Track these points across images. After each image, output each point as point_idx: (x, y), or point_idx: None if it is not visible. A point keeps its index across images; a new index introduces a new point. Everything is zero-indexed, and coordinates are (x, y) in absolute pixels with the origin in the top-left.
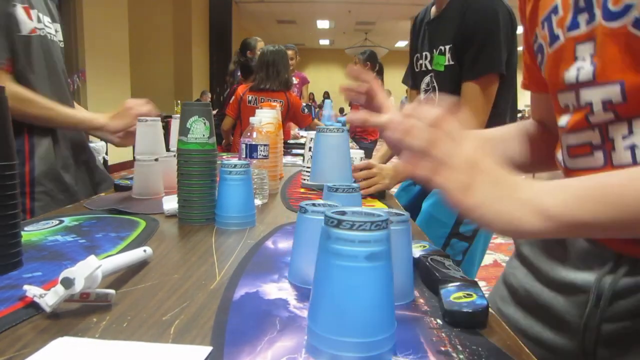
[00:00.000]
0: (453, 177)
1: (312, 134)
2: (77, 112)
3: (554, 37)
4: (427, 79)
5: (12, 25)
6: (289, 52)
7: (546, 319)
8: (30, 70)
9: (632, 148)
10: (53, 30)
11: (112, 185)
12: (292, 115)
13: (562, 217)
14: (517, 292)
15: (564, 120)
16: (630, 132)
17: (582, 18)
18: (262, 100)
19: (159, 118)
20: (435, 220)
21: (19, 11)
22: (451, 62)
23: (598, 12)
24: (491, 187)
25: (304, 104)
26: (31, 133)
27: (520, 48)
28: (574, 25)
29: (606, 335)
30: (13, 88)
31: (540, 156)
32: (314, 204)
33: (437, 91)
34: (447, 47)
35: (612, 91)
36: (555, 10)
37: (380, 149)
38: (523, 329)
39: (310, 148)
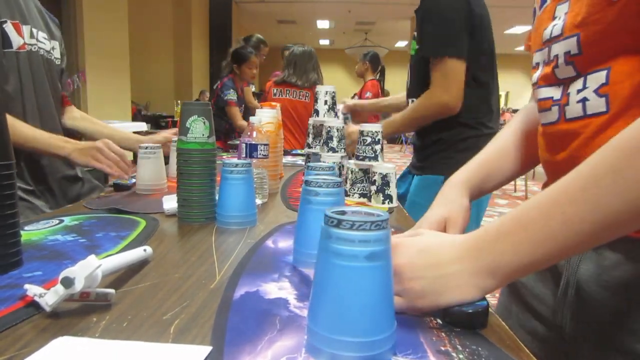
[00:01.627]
0: (402, 299)
1: (335, 121)
2: (44, 136)
3: (543, 1)
4: (409, 63)
5: None
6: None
7: (537, 313)
8: (15, 84)
9: (583, 101)
10: (49, 47)
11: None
12: None
13: (504, 268)
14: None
15: (535, 76)
16: (585, 87)
17: None
18: (288, 92)
19: (160, 146)
20: (417, 205)
21: (9, 28)
22: (417, 46)
23: None
24: (429, 280)
25: None
26: None
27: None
28: None
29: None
30: None
31: (530, 159)
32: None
33: (410, 75)
34: (416, 32)
35: (571, 43)
36: None
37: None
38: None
39: (333, 137)
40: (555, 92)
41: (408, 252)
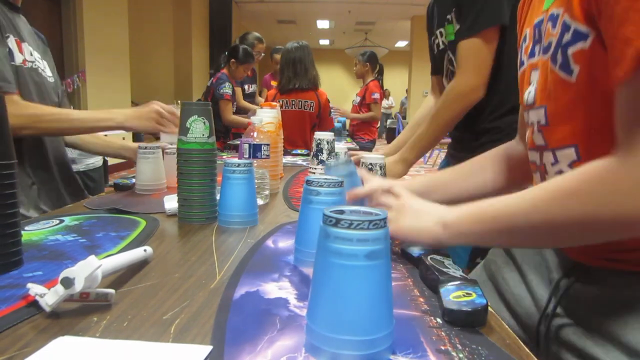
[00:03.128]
0: (390, 217)
1: (327, 134)
2: (88, 113)
3: (521, 62)
4: (446, 55)
5: (7, 55)
6: (279, 57)
7: (512, 310)
8: (30, 100)
9: (560, 173)
10: (42, 66)
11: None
12: (321, 116)
13: (455, 228)
14: (495, 277)
15: (527, 137)
16: (556, 161)
17: (537, 48)
18: (293, 103)
19: (160, 149)
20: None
21: (12, 43)
22: (457, 26)
23: (553, 40)
24: (411, 215)
25: None
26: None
27: None
28: (532, 53)
29: (555, 334)
30: (26, 110)
31: (517, 177)
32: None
33: (454, 61)
34: (452, 13)
35: (540, 114)
36: (525, 38)
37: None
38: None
39: (322, 149)
40: (535, 157)
41: (407, 217)
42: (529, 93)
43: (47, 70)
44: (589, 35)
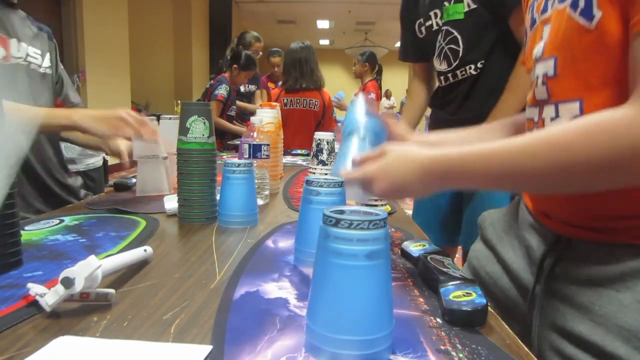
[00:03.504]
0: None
1: (327, 134)
2: (44, 110)
3: (532, 21)
4: (440, 36)
5: None
6: (276, 59)
7: (500, 304)
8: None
9: None
10: (40, 61)
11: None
12: (325, 116)
13: (437, 173)
14: (479, 273)
15: (530, 94)
16: (557, 115)
17: (550, 2)
18: (298, 101)
19: (163, 155)
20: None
21: (8, 40)
22: (473, 6)
23: None
24: (392, 172)
25: None
26: None
27: None
28: (545, 9)
29: (547, 320)
30: None
31: None
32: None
33: (460, 41)
34: None
35: (549, 65)
36: None
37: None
38: None
39: (322, 150)
40: (534, 113)
41: (382, 183)
42: (539, 47)
43: (45, 64)
44: None
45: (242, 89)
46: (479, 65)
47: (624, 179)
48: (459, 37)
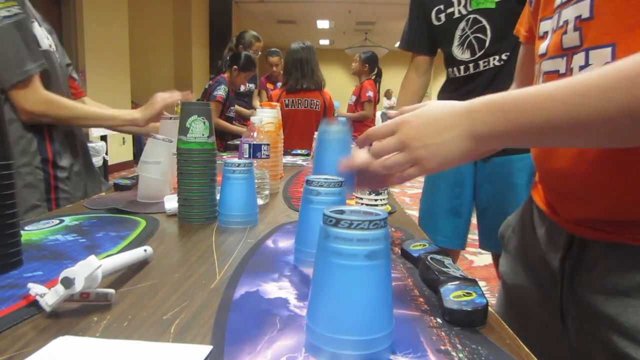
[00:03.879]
0: (401, 159)
1: None
2: (106, 110)
3: None
4: (462, 24)
5: (34, 38)
6: (275, 59)
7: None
8: (48, 82)
9: None
10: (55, 50)
11: (109, 187)
12: (326, 116)
13: (486, 134)
14: (512, 290)
15: (543, 47)
16: (587, 63)
17: None
18: (299, 102)
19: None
20: (518, 187)
21: (36, 27)
22: None
23: None
24: (428, 142)
25: None
26: (52, 141)
27: None
28: None
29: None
30: (45, 97)
31: None
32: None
33: (488, 31)
34: None
35: (584, 6)
36: None
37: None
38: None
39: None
40: (560, 64)
41: (415, 125)
42: None
43: (59, 53)
44: None
45: (242, 87)
46: (503, 57)
47: None
48: (487, 26)
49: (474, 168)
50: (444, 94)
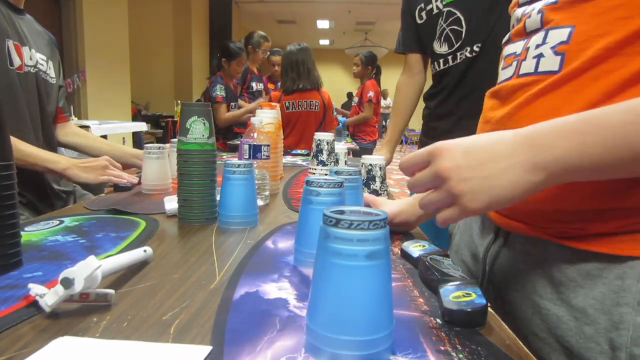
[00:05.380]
0: (454, 208)
1: (326, 135)
2: (41, 152)
3: None
4: (441, 19)
5: (3, 58)
6: (276, 58)
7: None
8: (10, 101)
9: (539, 57)
10: (45, 67)
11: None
12: (326, 116)
13: (556, 163)
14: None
15: (508, 35)
16: (544, 42)
17: None
18: (300, 104)
19: (166, 148)
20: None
21: (10, 47)
22: None
23: None
24: (477, 180)
25: None
26: None
27: None
28: None
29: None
30: None
31: None
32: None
33: (462, 22)
34: None
35: None
36: None
37: (380, 148)
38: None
39: (322, 150)
40: (518, 47)
41: (453, 154)
42: None
43: (51, 72)
44: None
45: (253, 86)
46: (475, 48)
47: None
48: (461, 17)
49: None
50: (427, 93)
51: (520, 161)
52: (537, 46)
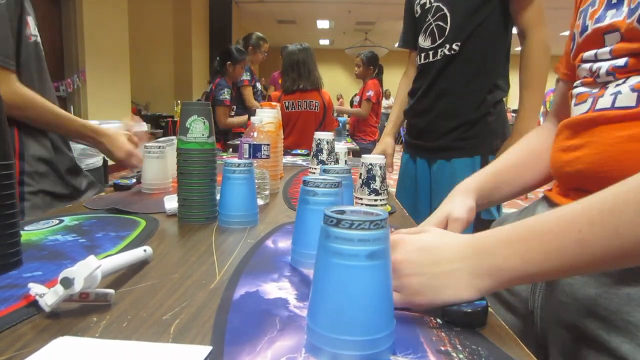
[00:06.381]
0: (399, 295)
1: (326, 134)
2: (79, 119)
3: (584, 28)
4: (429, 14)
5: (22, 31)
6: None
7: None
8: (29, 75)
9: (616, 94)
10: (37, 30)
11: (102, 189)
12: (326, 116)
13: (501, 273)
14: None
15: (578, 82)
16: (623, 83)
17: (610, 13)
18: (300, 104)
19: (165, 147)
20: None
21: (28, 18)
22: None
23: (625, 9)
24: (427, 277)
25: None
26: (21, 132)
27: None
28: (601, 18)
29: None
30: (21, 90)
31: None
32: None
33: (448, 19)
34: None
35: (619, 62)
36: (593, 3)
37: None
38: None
39: (322, 149)
40: (594, 89)
41: (408, 249)
42: (600, 51)
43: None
44: None
45: (259, 86)
46: (454, 46)
47: None
48: (448, 14)
49: (428, 169)
50: (411, 89)
51: (467, 266)
52: (617, 85)
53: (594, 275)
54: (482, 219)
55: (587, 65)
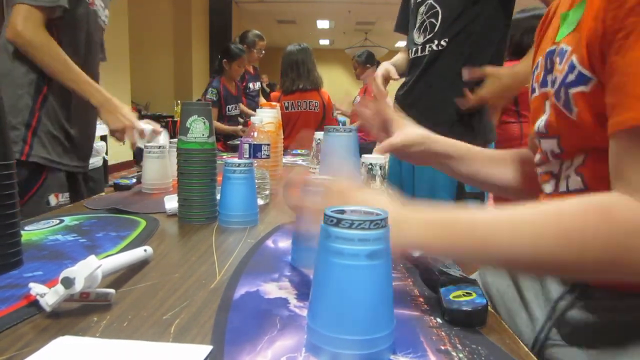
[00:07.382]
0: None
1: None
2: (94, 85)
3: (532, 89)
4: (423, 9)
5: None
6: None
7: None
8: (75, 35)
9: (567, 178)
10: (103, 14)
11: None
12: (326, 116)
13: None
14: (489, 288)
15: (538, 157)
16: (570, 164)
17: (549, 78)
18: (299, 104)
19: (166, 147)
20: (436, 192)
21: None
22: None
23: (558, 77)
24: (347, 192)
25: None
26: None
27: None
28: (544, 83)
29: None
30: (41, 31)
31: (533, 185)
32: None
33: (439, 15)
34: None
35: (553, 143)
36: (537, 66)
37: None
38: None
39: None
40: (553, 167)
41: (344, 185)
42: (541, 121)
43: (105, 19)
44: (591, 79)
45: (250, 86)
46: (442, 42)
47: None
48: (439, 10)
49: (412, 168)
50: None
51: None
52: (567, 168)
53: (598, 329)
54: (465, 191)
55: (537, 141)
